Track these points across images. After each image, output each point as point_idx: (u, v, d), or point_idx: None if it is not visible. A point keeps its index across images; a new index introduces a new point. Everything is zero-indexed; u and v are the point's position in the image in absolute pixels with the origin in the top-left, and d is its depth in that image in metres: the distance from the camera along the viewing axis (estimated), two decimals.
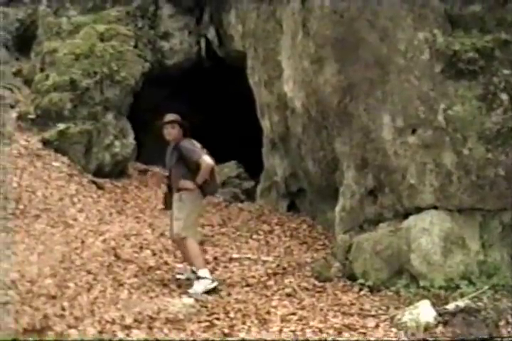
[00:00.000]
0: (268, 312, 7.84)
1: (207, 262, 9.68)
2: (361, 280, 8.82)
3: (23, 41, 16.04)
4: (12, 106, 14.52)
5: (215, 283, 8.47)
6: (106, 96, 14.05)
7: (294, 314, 7.82)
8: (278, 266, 9.49)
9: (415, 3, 8.67)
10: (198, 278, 8.45)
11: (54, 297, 8.27)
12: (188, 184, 8.44)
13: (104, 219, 11.62)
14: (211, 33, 15.47)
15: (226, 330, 7.30)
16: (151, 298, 8.21)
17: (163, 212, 12.27)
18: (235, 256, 9.85)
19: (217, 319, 7.62)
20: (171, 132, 8.59)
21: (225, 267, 9.50)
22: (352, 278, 9.00)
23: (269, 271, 9.27)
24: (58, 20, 15.64)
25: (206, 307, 7.96)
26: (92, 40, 14.37)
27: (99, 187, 13.12)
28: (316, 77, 9.51)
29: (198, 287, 8.35)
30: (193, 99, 15.89)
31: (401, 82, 8.70)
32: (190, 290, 8.34)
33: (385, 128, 8.84)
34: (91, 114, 13.91)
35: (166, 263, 9.63)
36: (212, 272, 9.27)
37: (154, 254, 9.95)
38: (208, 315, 7.73)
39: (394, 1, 8.72)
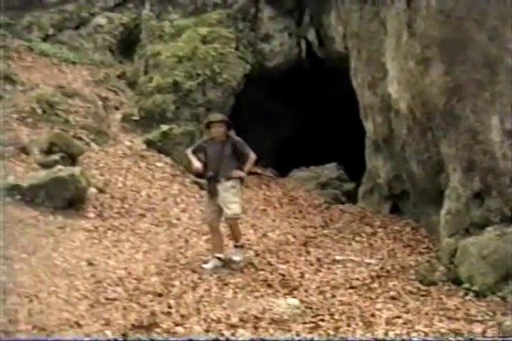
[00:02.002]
0: (373, 315, 7.81)
1: (310, 263, 9.73)
2: (467, 285, 8.68)
3: (127, 45, 16.52)
4: (116, 108, 14.95)
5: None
6: (208, 97, 14.33)
7: (399, 317, 7.76)
8: (382, 268, 9.43)
9: None
10: (241, 246, 9.69)
11: (160, 295, 8.48)
12: (241, 173, 9.50)
13: None
14: (311, 35, 15.54)
15: (331, 332, 7.31)
16: (255, 297, 8.31)
17: (265, 212, 12.48)
18: (338, 258, 9.85)
19: (322, 320, 7.64)
20: (219, 130, 9.53)
21: (329, 269, 9.50)
22: (457, 282, 8.86)
23: (373, 274, 9.23)
24: (161, 23, 16.06)
25: (311, 308, 7.99)
26: (195, 42, 14.68)
27: (202, 187, 13.33)
28: (422, 78, 9.43)
29: (240, 255, 9.63)
30: (292, 100, 15.98)
31: (510, 83, 8.53)
32: (236, 257, 9.57)
33: (493, 130, 8.69)
34: (193, 115, 14.23)
35: (269, 263, 9.72)
36: (315, 273, 9.32)
37: (257, 255, 10.07)
38: (313, 316, 7.75)
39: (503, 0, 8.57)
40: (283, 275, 9.22)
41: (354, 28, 11.69)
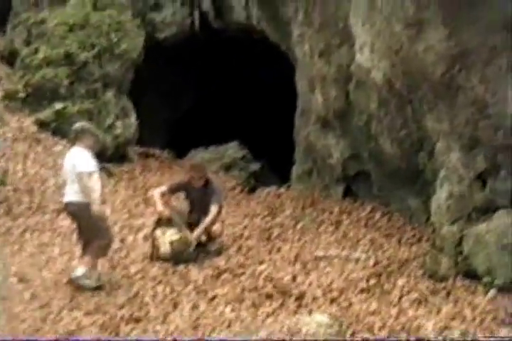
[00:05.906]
0: (418, 327, 6.00)
1: (289, 262, 7.67)
2: (487, 279, 7.08)
3: None
4: None
5: None
6: (106, 70, 11.72)
7: (447, 328, 6.02)
8: (376, 264, 7.56)
9: None
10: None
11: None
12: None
13: (134, 212, 9.46)
14: (206, 4, 13.30)
15: None
16: (267, 315, 6.23)
17: None
18: (319, 254, 7.83)
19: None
20: (199, 182, 8.23)
21: (316, 268, 7.46)
22: (470, 275, 7.24)
23: (371, 271, 7.35)
24: None
25: (341, 325, 6.02)
26: (86, 9, 11.99)
27: (110, 173, 10.87)
28: (412, 43, 7.61)
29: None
30: (189, 74, 13.76)
31: None
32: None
33: (510, 103, 7.07)
34: (90, 91, 11.61)
35: (242, 265, 7.59)
36: (306, 275, 7.28)
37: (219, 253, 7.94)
38: (352, 334, 5.84)
39: None
40: (270, 279, 7.14)
41: None
